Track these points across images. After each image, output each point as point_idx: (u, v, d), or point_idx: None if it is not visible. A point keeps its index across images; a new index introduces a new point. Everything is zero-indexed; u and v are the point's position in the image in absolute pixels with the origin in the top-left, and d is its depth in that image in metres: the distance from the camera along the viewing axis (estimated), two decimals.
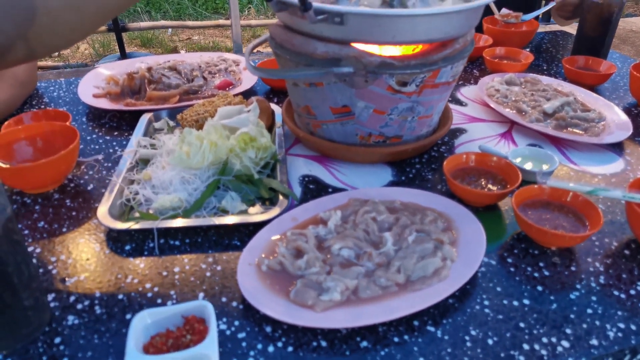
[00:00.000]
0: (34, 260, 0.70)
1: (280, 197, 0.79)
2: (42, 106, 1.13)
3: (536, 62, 1.36)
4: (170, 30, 4.64)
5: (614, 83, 1.25)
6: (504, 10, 1.44)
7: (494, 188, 0.81)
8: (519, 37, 1.39)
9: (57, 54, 4.35)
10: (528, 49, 1.44)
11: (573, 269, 0.69)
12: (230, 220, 0.74)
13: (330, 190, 0.85)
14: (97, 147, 0.97)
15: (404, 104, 0.84)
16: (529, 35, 1.39)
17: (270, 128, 1.00)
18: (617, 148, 0.97)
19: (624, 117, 1.03)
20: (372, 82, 0.80)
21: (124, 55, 3.89)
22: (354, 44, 0.78)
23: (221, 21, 4.53)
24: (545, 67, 1.34)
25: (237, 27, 3.91)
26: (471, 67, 1.33)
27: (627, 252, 0.72)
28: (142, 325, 0.56)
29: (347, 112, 0.86)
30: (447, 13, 0.76)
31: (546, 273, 0.68)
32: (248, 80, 1.19)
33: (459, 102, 1.16)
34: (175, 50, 4.38)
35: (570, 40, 1.53)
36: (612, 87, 1.23)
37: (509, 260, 0.70)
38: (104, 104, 1.08)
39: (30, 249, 0.72)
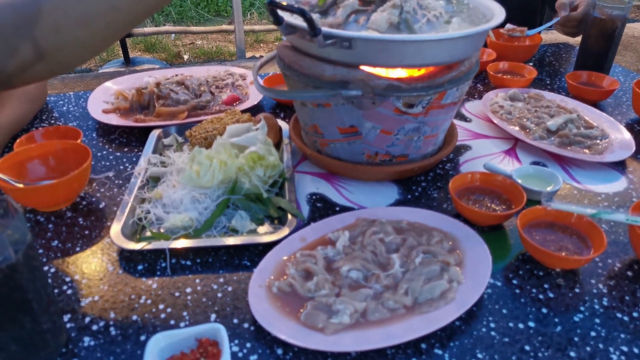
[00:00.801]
0: (49, 281, 0.71)
1: (289, 216, 0.81)
2: (52, 121, 1.14)
3: (540, 77, 1.37)
4: (173, 35, 4.66)
5: (617, 98, 1.27)
6: (509, 26, 1.45)
7: (499, 208, 0.83)
8: (523, 51, 1.40)
9: None
10: (531, 63, 1.45)
11: (577, 290, 0.70)
12: (240, 240, 0.76)
13: (337, 208, 0.87)
14: (107, 163, 0.99)
15: (410, 124, 0.86)
16: (533, 49, 1.41)
17: (278, 145, 1.02)
18: (620, 166, 0.99)
19: (627, 134, 1.04)
20: (379, 104, 0.82)
21: (127, 60, 3.92)
22: (361, 67, 0.80)
23: (224, 26, 4.55)
24: (548, 82, 1.35)
25: (240, 32, 3.93)
26: (475, 81, 1.35)
27: (630, 273, 0.74)
28: (157, 348, 0.58)
29: (355, 132, 0.87)
30: (452, 39, 0.77)
31: (551, 295, 0.70)
32: (255, 95, 1.21)
33: (464, 118, 1.17)
34: (178, 55, 4.41)
35: (573, 53, 1.55)
36: (615, 103, 1.25)
37: (514, 281, 0.72)
38: (114, 119, 1.10)
39: (45, 268, 0.73)
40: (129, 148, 1.04)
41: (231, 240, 0.76)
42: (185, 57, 4.42)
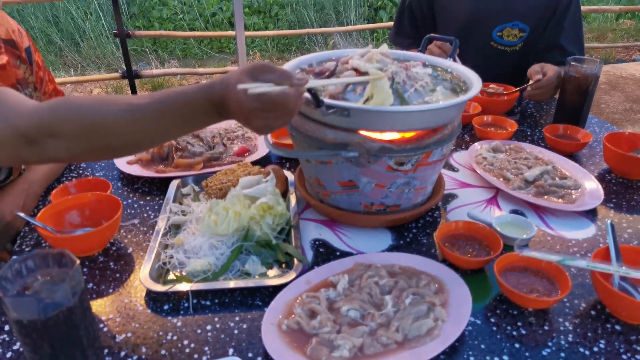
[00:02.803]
0: None
1: (295, 261, 0.92)
2: (81, 171, 1.27)
3: (521, 128, 1.51)
4: (179, 75, 4.84)
5: (591, 149, 1.40)
6: (493, 86, 1.61)
7: (480, 253, 0.94)
8: (503, 104, 1.55)
9: None
10: (517, 115, 1.59)
11: (546, 327, 0.81)
12: (252, 283, 0.87)
13: (338, 253, 0.98)
14: (132, 211, 1.11)
15: (401, 179, 0.98)
16: (511, 102, 1.56)
17: (285, 193, 1.14)
18: (590, 214, 1.10)
19: (596, 185, 1.16)
20: (374, 162, 0.94)
21: None
22: (359, 132, 0.93)
23: (229, 67, 4.75)
24: (529, 133, 1.48)
25: None
26: (462, 132, 1.48)
27: (593, 312, 0.84)
28: None
29: (353, 185, 0.99)
30: (437, 109, 0.90)
31: (523, 332, 0.80)
32: (263, 146, 1.34)
33: (452, 168, 1.30)
34: None
35: (553, 105, 1.69)
36: (590, 153, 1.37)
37: (492, 320, 0.83)
38: (137, 170, 1.22)
39: None
40: (151, 197, 1.16)
41: (245, 283, 0.87)
42: None
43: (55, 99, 0.80)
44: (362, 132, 0.93)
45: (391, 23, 1.99)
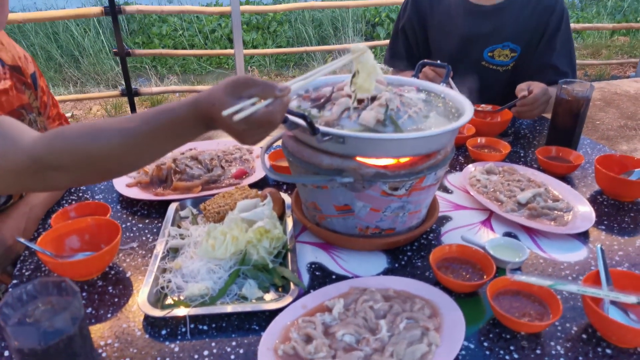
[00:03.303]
0: None
1: (292, 284, 0.94)
2: (80, 194, 1.29)
3: (515, 149, 1.53)
4: (178, 93, 4.89)
5: (583, 170, 1.42)
6: (483, 105, 1.64)
7: (474, 277, 0.96)
8: (497, 126, 1.58)
9: (70, 114, 4.58)
10: (510, 137, 1.62)
11: (538, 352, 0.82)
12: (249, 307, 0.88)
13: (333, 277, 0.99)
14: (131, 234, 1.12)
15: (395, 203, 1.00)
16: (505, 124, 1.59)
17: (282, 216, 1.16)
18: (582, 236, 1.12)
19: (588, 207, 1.18)
20: (368, 187, 0.96)
21: None
22: (354, 158, 0.95)
23: None
24: (522, 154, 1.51)
25: None
26: (457, 153, 1.50)
27: (584, 336, 0.86)
28: None
29: (348, 209, 1.01)
30: (430, 136, 0.93)
31: (516, 356, 0.82)
32: (261, 169, 1.36)
33: (446, 190, 1.32)
34: None
35: (546, 127, 1.71)
36: (582, 175, 1.40)
37: (485, 344, 0.84)
38: (136, 193, 1.24)
39: None
40: (150, 219, 1.18)
41: (242, 307, 0.88)
42: None
43: (51, 132, 0.82)
44: (358, 158, 0.95)
45: (388, 41, 2.04)
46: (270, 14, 6.58)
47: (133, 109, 4.04)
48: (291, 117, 0.94)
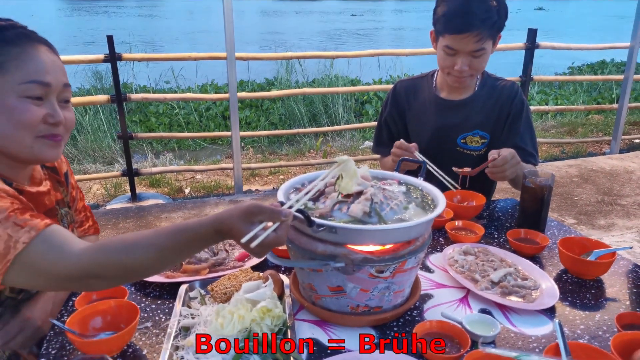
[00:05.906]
0: None
1: (292, 359, 1.06)
2: None
3: (489, 231, 1.70)
4: (175, 172, 5.09)
5: (550, 250, 1.58)
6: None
7: (452, 350, 1.09)
8: (473, 209, 1.76)
9: None
10: (485, 219, 1.79)
11: None
12: None
13: (328, 351, 1.12)
14: (145, 314, 1.25)
15: (381, 284, 1.15)
16: (480, 208, 1.77)
17: (281, 296, 1.29)
18: (548, 311, 1.26)
19: (553, 285, 1.33)
20: (358, 270, 1.11)
21: (134, 197, 4.29)
22: (345, 245, 1.11)
23: (223, 164, 5.03)
24: (496, 235, 1.68)
25: (238, 171, 4.37)
26: (438, 235, 1.67)
27: None
28: None
29: (341, 290, 1.16)
30: (410, 226, 1.10)
31: None
32: None
33: (428, 269, 1.47)
34: (180, 190, 4.80)
35: (517, 209, 1.90)
36: (549, 255, 1.56)
37: None
38: None
39: None
40: (162, 300, 1.31)
41: None
42: (187, 190, 4.82)
43: (94, 246, 0.99)
44: (348, 246, 1.11)
45: (375, 123, 2.32)
46: None
47: (133, 189, 4.22)
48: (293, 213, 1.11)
